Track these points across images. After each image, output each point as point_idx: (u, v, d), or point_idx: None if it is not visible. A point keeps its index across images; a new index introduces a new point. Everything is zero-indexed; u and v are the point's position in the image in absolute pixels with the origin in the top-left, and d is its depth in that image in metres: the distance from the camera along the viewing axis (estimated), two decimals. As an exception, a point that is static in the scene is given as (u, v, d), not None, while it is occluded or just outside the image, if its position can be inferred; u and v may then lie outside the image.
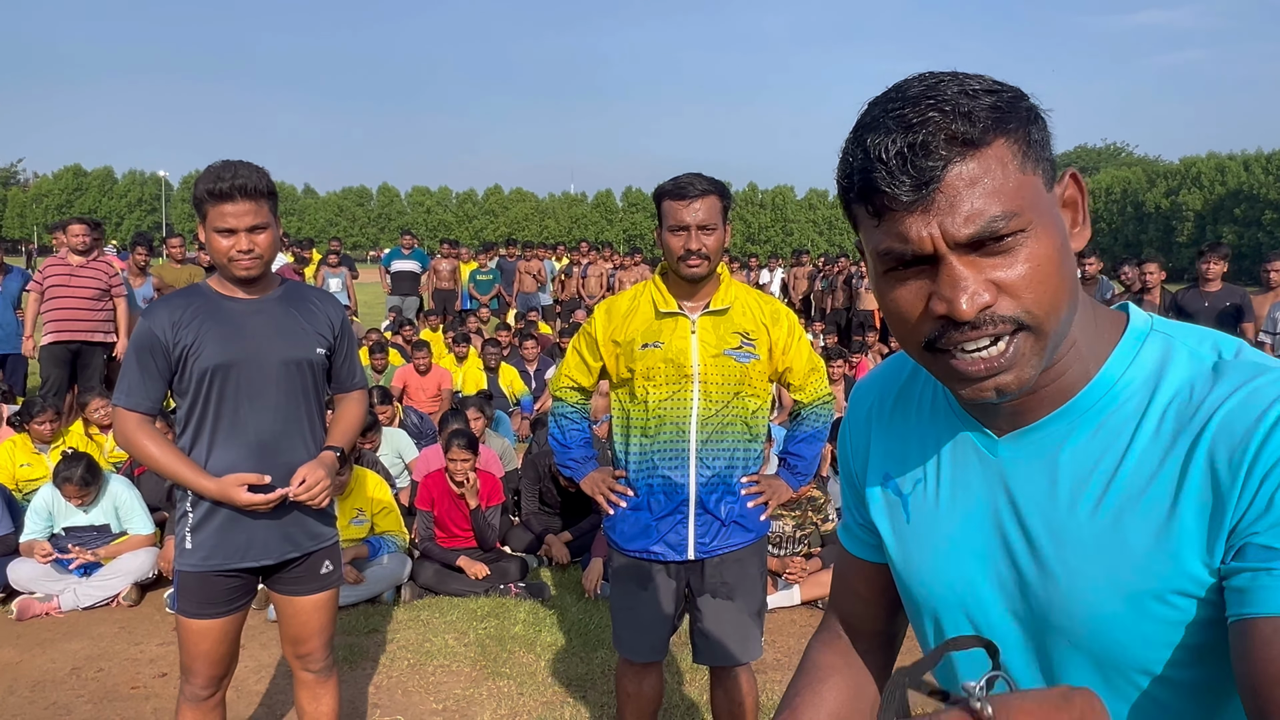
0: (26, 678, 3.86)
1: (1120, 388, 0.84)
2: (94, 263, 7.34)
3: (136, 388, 2.44)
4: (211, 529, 2.49)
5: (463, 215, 67.77)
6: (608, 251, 15.64)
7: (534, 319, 12.89)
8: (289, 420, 2.53)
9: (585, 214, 67.95)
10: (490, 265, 14.42)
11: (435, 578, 4.72)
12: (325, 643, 2.72)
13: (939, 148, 0.75)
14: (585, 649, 4.14)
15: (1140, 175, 57.48)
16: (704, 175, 2.58)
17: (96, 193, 64.33)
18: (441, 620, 4.45)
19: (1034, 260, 0.77)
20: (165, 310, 2.45)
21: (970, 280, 0.77)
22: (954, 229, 0.76)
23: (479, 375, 8.82)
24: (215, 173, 2.41)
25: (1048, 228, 0.79)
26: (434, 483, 5.04)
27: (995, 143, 0.76)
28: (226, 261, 2.42)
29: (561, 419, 2.84)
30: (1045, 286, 0.78)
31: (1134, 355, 0.85)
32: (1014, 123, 0.77)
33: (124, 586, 4.60)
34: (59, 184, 64.12)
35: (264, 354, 2.48)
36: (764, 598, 2.77)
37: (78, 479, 4.54)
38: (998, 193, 0.76)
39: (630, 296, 2.71)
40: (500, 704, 3.64)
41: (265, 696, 3.69)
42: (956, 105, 0.76)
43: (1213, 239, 49.23)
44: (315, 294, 2.66)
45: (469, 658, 4.05)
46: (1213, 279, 7.33)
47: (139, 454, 2.46)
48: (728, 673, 2.75)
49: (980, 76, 0.80)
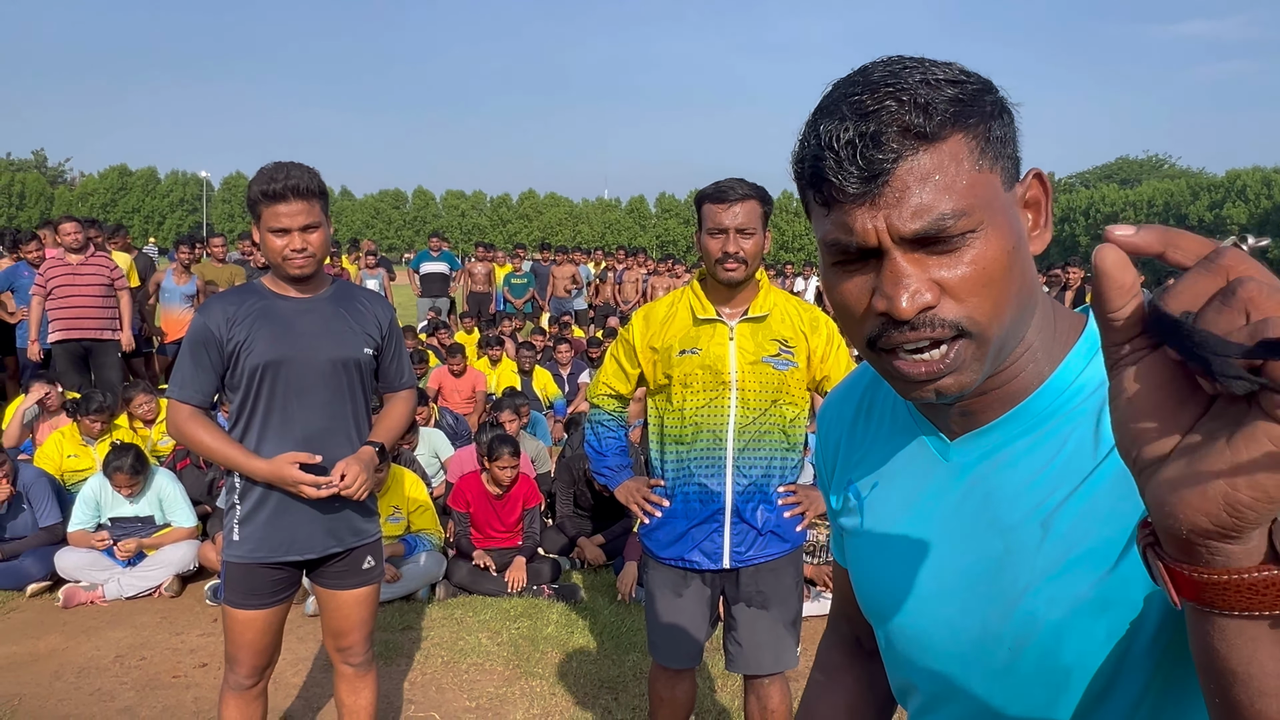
0: (72, 664, 3.95)
1: (1073, 391, 0.83)
2: (93, 259, 7.37)
3: (189, 380, 2.51)
4: (258, 522, 2.55)
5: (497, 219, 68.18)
6: (641, 256, 15.68)
7: (567, 322, 12.97)
8: (335, 418, 2.59)
9: (619, 219, 68.10)
10: (524, 269, 14.53)
11: (469, 577, 4.77)
12: (365, 637, 2.77)
13: (891, 140, 0.73)
14: (617, 651, 4.17)
15: (1184, 188, 56.52)
16: (745, 180, 2.58)
17: (140, 192, 65.49)
18: (475, 619, 4.50)
19: (982, 262, 0.75)
20: (220, 306, 2.52)
21: (913, 278, 0.75)
22: (900, 224, 0.74)
23: (513, 378, 8.88)
24: (268, 174, 2.48)
25: (1000, 229, 0.76)
26: (469, 485, 5.10)
27: (952, 137, 0.74)
28: (281, 260, 2.49)
29: (598, 426, 2.86)
30: (990, 291, 0.76)
31: (1089, 359, 0.83)
32: (975, 117, 0.75)
33: (166, 577, 4.70)
34: (104, 183, 65.34)
35: (313, 352, 2.53)
36: (800, 607, 2.77)
37: (128, 468, 4.65)
38: (949, 189, 0.73)
39: (668, 303, 2.73)
40: (533, 704, 3.68)
41: (302, 689, 3.76)
42: (915, 95, 0.73)
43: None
44: (364, 294, 2.71)
45: (502, 657, 4.09)
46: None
47: (191, 442, 2.53)
48: (762, 682, 2.75)
49: (948, 65, 0.77)
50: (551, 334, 11.45)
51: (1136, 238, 0.50)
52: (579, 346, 10.46)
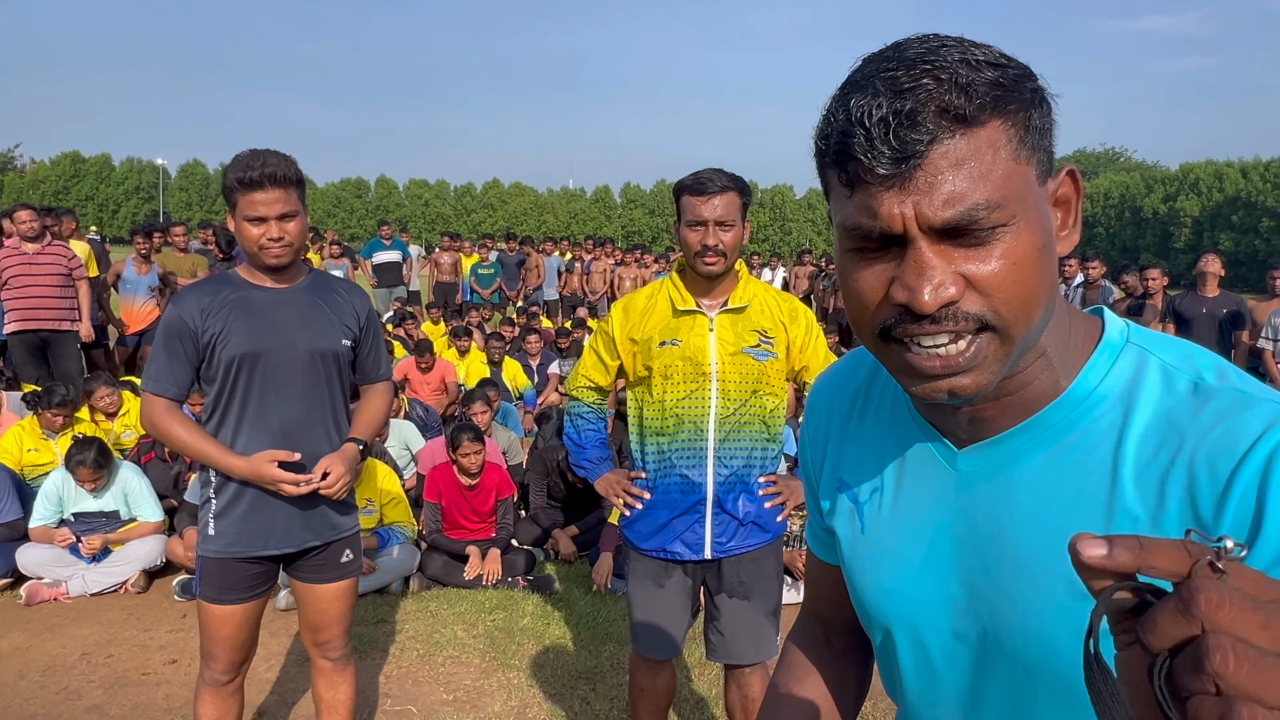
0: (37, 662, 3.87)
1: (1090, 404, 0.78)
2: (50, 248, 7.21)
3: (164, 373, 2.46)
4: (235, 516, 2.51)
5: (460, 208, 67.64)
6: (609, 247, 15.65)
7: (535, 313, 12.92)
8: (314, 410, 2.55)
9: (584, 209, 67.87)
10: (491, 259, 14.43)
11: (443, 569, 4.74)
12: (344, 631, 2.75)
13: (928, 120, 0.68)
14: (594, 642, 4.17)
15: (1138, 180, 57.54)
16: (724, 171, 2.56)
17: (94, 179, 64.04)
18: (450, 611, 4.48)
19: (1011, 258, 0.71)
20: (194, 297, 2.47)
21: (938, 270, 0.71)
22: (930, 211, 0.69)
23: (482, 369, 8.83)
24: (244, 161, 2.43)
25: (1032, 224, 0.72)
26: (440, 475, 5.06)
27: (990, 123, 0.69)
28: (257, 250, 2.44)
29: (577, 419, 2.85)
30: (1019, 287, 0.72)
31: (1107, 369, 0.79)
32: (1015, 104, 0.70)
33: (132, 573, 4.62)
34: (56, 170, 63.81)
35: (290, 344, 2.50)
36: (780, 597, 2.80)
37: (91, 462, 4.55)
38: (984, 178, 0.69)
39: (647, 294, 2.72)
40: (510, 695, 3.67)
41: (276, 684, 3.72)
42: (955, 75, 0.69)
43: (1210, 245, 48.87)
44: (342, 285, 2.67)
45: (478, 649, 4.08)
46: (1211, 278, 7.36)
47: (166, 438, 2.48)
48: (743, 671, 2.77)
49: (988, 47, 0.72)
50: (519, 324, 11.39)
51: (1109, 559, 0.47)
52: (548, 337, 10.43)
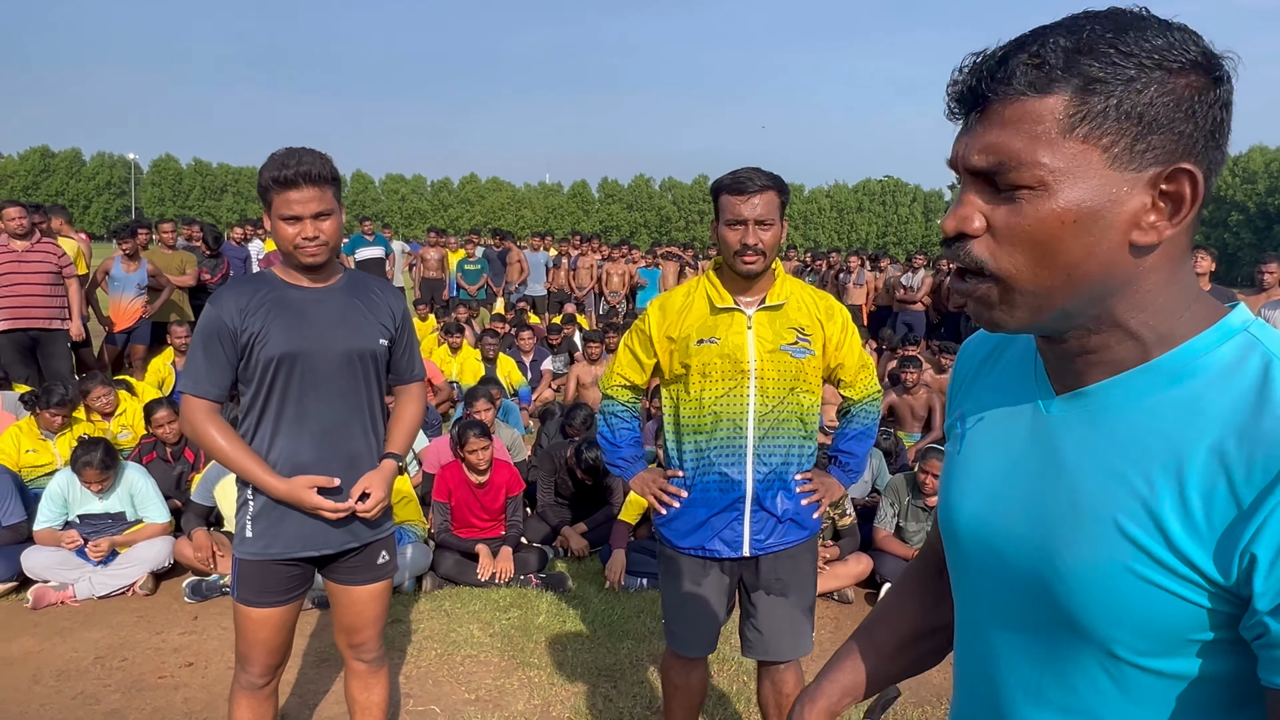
0: (50, 667, 3.82)
1: (1180, 375, 0.81)
2: (39, 246, 7.10)
3: (204, 375, 2.43)
4: (272, 518, 2.49)
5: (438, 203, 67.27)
6: (596, 242, 15.61)
7: (524, 309, 12.87)
8: (351, 410, 2.53)
9: (561, 204, 67.74)
10: (477, 255, 14.37)
11: (456, 568, 4.72)
12: (379, 633, 2.73)
13: (997, 82, 0.78)
14: (611, 640, 4.17)
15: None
16: (762, 170, 2.57)
17: (64, 174, 63.11)
18: (464, 610, 4.46)
19: (1031, 220, 0.78)
20: (232, 297, 2.44)
21: (968, 206, 0.81)
22: (969, 155, 0.81)
23: (477, 366, 8.80)
24: (279, 160, 2.40)
25: (1073, 200, 0.77)
26: (450, 474, 5.04)
27: (1054, 95, 0.76)
28: (292, 249, 2.41)
29: (611, 417, 2.84)
30: (1029, 247, 0.78)
31: (1211, 348, 0.81)
32: (1098, 86, 0.75)
33: (140, 575, 4.56)
34: (25, 165, 62.80)
35: (328, 344, 2.47)
36: (815, 594, 2.81)
37: (98, 463, 4.49)
38: (1023, 140, 0.77)
39: (684, 292, 2.72)
40: (533, 694, 3.66)
41: (296, 686, 3.69)
42: (1044, 48, 0.76)
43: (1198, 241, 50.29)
44: (377, 284, 2.65)
45: (496, 648, 4.07)
46: (1201, 274, 7.47)
47: (205, 444, 2.45)
48: (778, 667, 2.78)
49: (1174, 33, 0.76)
50: (509, 320, 11.36)
51: None
52: (540, 333, 10.40)
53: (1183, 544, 0.76)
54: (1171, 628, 0.79)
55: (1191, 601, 0.77)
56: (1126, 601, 0.79)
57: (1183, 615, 0.78)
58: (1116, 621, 0.80)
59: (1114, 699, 0.83)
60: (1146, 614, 0.79)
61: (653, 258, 16.19)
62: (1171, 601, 0.78)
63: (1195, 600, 0.77)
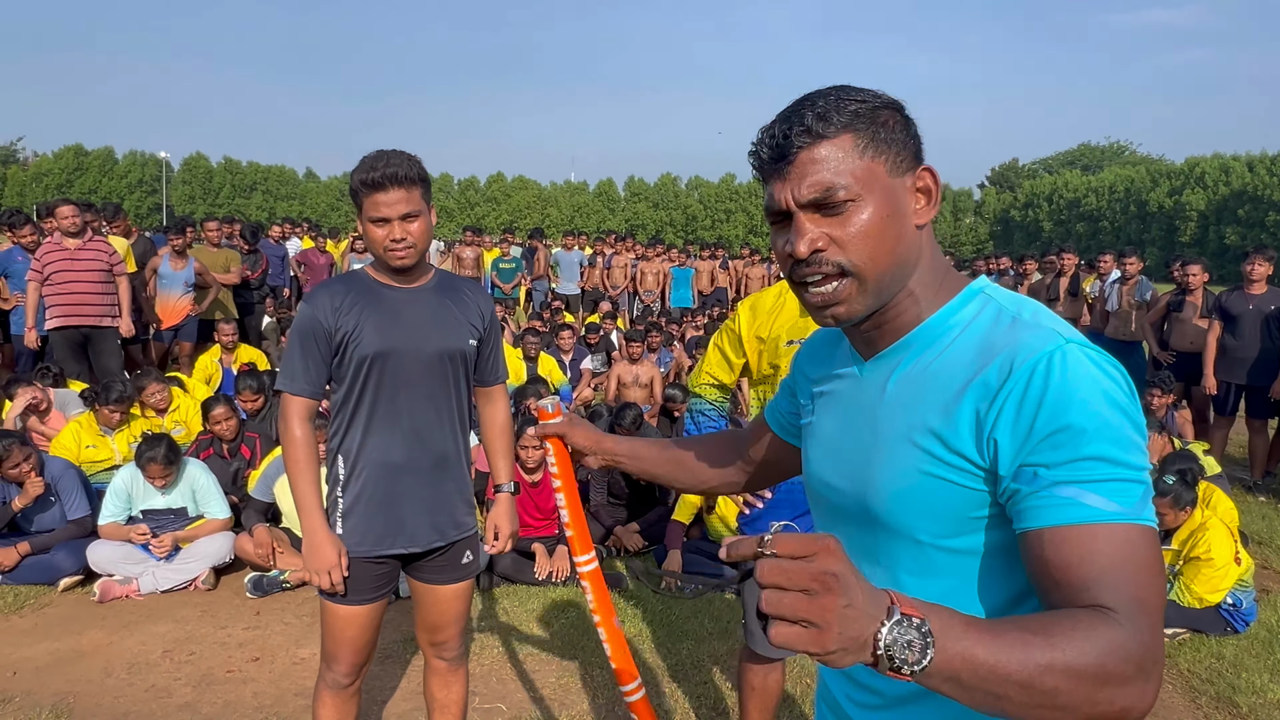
0: (120, 660, 3.87)
1: (943, 329, 1.11)
2: (91, 244, 7.17)
3: (300, 373, 2.44)
4: (362, 515, 2.50)
5: (464, 202, 67.53)
6: (630, 241, 15.59)
7: (559, 308, 12.89)
8: (440, 409, 2.54)
9: (587, 203, 67.78)
10: (513, 253, 14.39)
11: (513, 567, 4.73)
12: (460, 631, 2.74)
13: (795, 135, 1.05)
14: (670, 640, 4.16)
15: (1144, 174, 57.47)
16: None
17: (97, 173, 63.84)
18: (523, 610, 4.47)
19: (859, 224, 1.04)
20: (326, 295, 2.45)
21: (810, 231, 1.05)
22: (798, 193, 1.05)
23: (518, 365, 8.82)
24: (368, 163, 2.41)
25: (880, 202, 1.05)
26: (504, 472, 5.04)
27: (843, 135, 1.04)
28: (382, 251, 2.42)
29: (699, 415, 2.84)
30: (866, 244, 1.05)
31: (960, 308, 1.12)
32: (863, 124, 1.05)
33: (202, 570, 4.61)
34: (59, 163, 63.61)
35: (420, 344, 2.48)
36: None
37: (161, 459, 4.54)
38: (836, 170, 1.04)
39: (775, 293, 2.71)
40: (597, 694, 3.66)
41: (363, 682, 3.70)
42: (822, 108, 1.05)
43: (1215, 240, 47.92)
44: (467, 285, 2.66)
45: (557, 647, 4.07)
46: (1257, 280, 7.36)
47: (286, 445, 2.46)
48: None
49: (865, 90, 1.08)
50: (545, 319, 11.38)
51: (734, 552, 0.85)
52: (578, 332, 10.40)
53: (955, 442, 1.03)
54: (957, 510, 1.04)
55: (968, 487, 1.03)
56: (922, 495, 1.06)
57: (962, 498, 1.04)
58: (918, 513, 1.07)
59: (920, 575, 1.10)
60: (936, 502, 1.05)
61: (686, 256, 16.16)
62: (954, 490, 1.04)
63: (971, 486, 1.03)
